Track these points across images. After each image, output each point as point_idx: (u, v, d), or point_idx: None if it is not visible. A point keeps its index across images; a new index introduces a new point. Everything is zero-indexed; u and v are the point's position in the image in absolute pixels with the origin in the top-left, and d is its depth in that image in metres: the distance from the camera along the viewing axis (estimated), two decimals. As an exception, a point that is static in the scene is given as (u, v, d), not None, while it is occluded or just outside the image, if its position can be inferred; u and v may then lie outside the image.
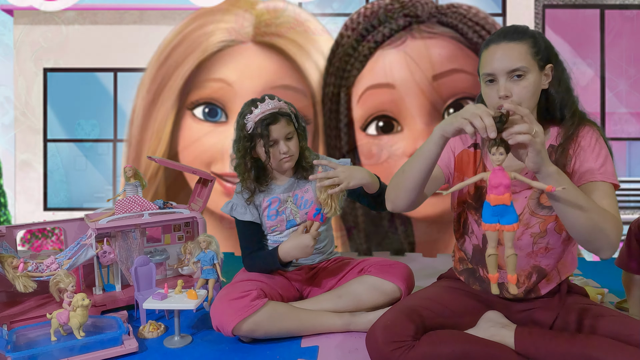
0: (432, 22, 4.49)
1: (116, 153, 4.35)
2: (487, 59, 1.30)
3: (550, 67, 1.31)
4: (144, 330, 1.58)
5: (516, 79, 1.26)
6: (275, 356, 1.44)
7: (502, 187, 1.06)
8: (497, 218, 1.08)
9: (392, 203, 1.37)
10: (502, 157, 1.08)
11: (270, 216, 1.69)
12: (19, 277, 1.59)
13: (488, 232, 1.08)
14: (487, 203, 1.08)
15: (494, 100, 1.27)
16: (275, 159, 1.63)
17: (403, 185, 1.31)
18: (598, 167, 1.28)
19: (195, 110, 4.51)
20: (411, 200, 1.33)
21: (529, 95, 1.26)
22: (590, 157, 1.29)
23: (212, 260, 1.65)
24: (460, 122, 1.12)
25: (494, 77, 1.28)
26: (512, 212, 1.07)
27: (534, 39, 1.29)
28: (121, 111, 4.43)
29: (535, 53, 1.28)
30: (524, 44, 1.27)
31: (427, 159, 1.24)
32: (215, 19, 4.58)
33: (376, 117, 4.51)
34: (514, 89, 1.25)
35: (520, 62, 1.25)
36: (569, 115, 1.34)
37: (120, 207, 1.82)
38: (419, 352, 1.23)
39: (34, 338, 1.48)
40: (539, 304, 1.39)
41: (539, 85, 1.29)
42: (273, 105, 1.62)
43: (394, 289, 1.58)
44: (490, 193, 1.08)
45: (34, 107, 3.82)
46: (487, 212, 1.08)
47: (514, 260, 1.08)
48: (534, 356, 1.26)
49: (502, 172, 1.07)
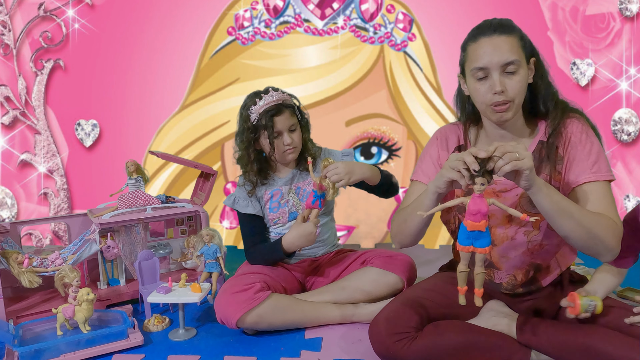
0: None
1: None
2: (477, 52, 1.25)
3: (534, 60, 1.29)
4: (149, 323, 1.59)
5: (509, 74, 1.23)
6: (279, 347, 1.45)
7: (480, 215, 1.12)
8: (471, 241, 1.14)
9: (400, 244, 1.40)
10: (483, 187, 1.12)
11: (272, 209, 1.70)
12: (24, 272, 1.60)
13: (462, 253, 1.15)
14: (464, 226, 1.14)
15: (487, 97, 1.25)
16: (279, 150, 1.64)
17: (407, 232, 1.35)
18: (590, 165, 1.26)
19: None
20: (416, 240, 1.37)
21: (522, 90, 1.25)
22: (581, 154, 1.27)
23: (215, 253, 1.66)
24: (449, 174, 1.15)
25: (486, 72, 1.24)
26: (486, 236, 1.14)
27: (519, 33, 1.27)
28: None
29: (523, 46, 1.26)
30: (512, 36, 1.25)
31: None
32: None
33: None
34: (508, 83, 1.23)
35: (513, 55, 1.22)
36: (552, 107, 1.32)
37: (123, 202, 1.83)
38: (422, 343, 1.24)
39: (40, 332, 1.49)
40: (541, 295, 1.40)
41: (527, 79, 1.27)
42: (277, 97, 1.62)
43: (397, 280, 1.59)
44: (467, 219, 1.13)
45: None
46: (462, 235, 1.15)
47: (482, 278, 1.15)
48: (535, 346, 1.27)
49: (481, 199, 1.12)
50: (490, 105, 1.25)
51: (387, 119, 2.71)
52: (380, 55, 2.69)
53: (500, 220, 1.34)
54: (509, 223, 1.34)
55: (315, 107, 2.68)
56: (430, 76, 2.69)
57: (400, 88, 2.69)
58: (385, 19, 2.66)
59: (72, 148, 2.75)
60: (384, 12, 2.66)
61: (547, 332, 1.26)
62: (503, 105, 1.24)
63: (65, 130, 2.75)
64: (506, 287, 1.40)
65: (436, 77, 2.69)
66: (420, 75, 2.68)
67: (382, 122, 2.72)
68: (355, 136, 2.72)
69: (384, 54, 2.69)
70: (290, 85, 2.68)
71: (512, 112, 1.25)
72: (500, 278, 1.39)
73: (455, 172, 1.14)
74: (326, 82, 2.71)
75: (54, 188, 2.75)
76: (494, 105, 1.24)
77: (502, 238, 1.35)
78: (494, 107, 1.25)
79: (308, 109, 1.74)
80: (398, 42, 2.67)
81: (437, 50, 2.67)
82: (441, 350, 1.24)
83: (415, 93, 2.70)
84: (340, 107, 2.71)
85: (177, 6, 2.72)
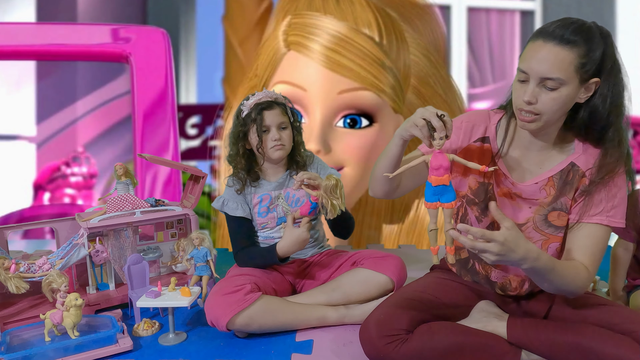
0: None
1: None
2: (528, 53, 1.20)
3: (596, 81, 1.20)
4: (139, 328, 1.58)
5: (547, 88, 1.18)
6: (270, 351, 1.44)
7: (442, 169, 1.19)
8: (437, 197, 1.21)
9: (372, 190, 1.44)
10: (442, 142, 1.20)
11: (260, 213, 1.69)
12: (11, 278, 1.58)
13: (430, 210, 1.22)
14: (429, 183, 1.21)
15: (519, 100, 1.23)
16: (266, 145, 1.63)
17: (375, 177, 1.38)
18: (609, 208, 1.25)
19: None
20: (385, 190, 1.40)
21: (555, 108, 1.20)
22: (607, 195, 1.25)
23: (206, 256, 1.65)
24: (411, 127, 1.22)
25: (526, 77, 1.20)
26: (451, 191, 1.21)
27: (588, 48, 1.16)
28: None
29: (582, 65, 1.16)
30: (573, 52, 1.15)
31: (389, 158, 1.32)
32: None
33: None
34: (542, 97, 1.19)
35: (558, 72, 1.15)
36: (612, 147, 1.25)
37: (112, 205, 1.82)
38: (413, 345, 1.24)
39: (28, 339, 1.47)
40: (532, 296, 1.40)
41: (573, 99, 1.21)
42: (269, 95, 1.65)
43: (387, 281, 1.58)
44: (431, 175, 1.21)
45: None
46: (428, 192, 1.22)
47: (452, 234, 1.19)
48: (526, 346, 1.27)
49: (442, 155, 1.20)
50: (519, 108, 1.24)
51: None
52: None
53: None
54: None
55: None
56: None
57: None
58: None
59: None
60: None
61: (538, 332, 1.27)
62: (529, 115, 1.22)
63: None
64: (500, 288, 1.40)
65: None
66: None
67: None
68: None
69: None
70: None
71: (536, 125, 1.23)
72: (496, 277, 1.39)
73: (415, 127, 1.20)
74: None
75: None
76: (521, 111, 1.23)
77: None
78: (520, 114, 1.24)
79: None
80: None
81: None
82: (432, 351, 1.24)
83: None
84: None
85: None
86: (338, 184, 1.49)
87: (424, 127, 1.20)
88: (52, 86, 5.29)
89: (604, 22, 3.01)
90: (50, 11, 5.20)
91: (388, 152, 1.31)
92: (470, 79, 5.75)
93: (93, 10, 5.35)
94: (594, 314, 1.27)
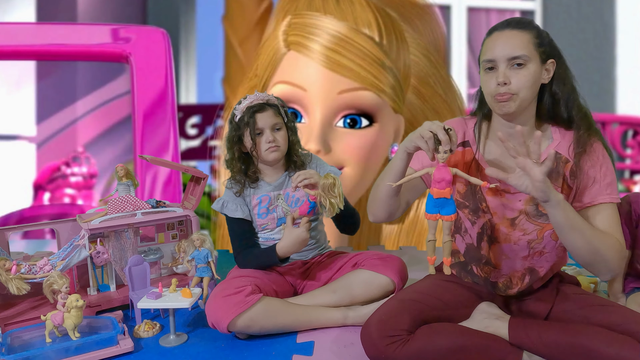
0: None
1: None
2: (488, 45, 1.30)
3: (552, 62, 1.31)
4: (139, 329, 1.58)
5: (516, 68, 1.25)
6: (270, 352, 1.44)
7: (444, 183, 1.20)
8: (437, 209, 1.22)
9: (373, 215, 1.44)
10: (446, 155, 1.21)
11: (260, 214, 1.69)
12: (12, 279, 1.58)
13: (429, 221, 1.24)
14: (431, 195, 1.22)
15: (492, 88, 1.28)
16: (260, 148, 1.63)
17: (378, 198, 1.38)
18: (606, 187, 1.30)
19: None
20: (388, 211, 1.40)
21: (528, 85, 1.26)
22: (599, 175, 1.30)
23: (207, 258, 1.65)
24: (417, 138, 1.23)
25: (493, 64, 1.27)
26: (451, 204, 1.22)
27: (538, 31, 1.29)
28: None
29: (538, 44, 1.27)
30: (527, 33, 1.27)
31: (394, 174, 1.32)
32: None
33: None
34: (513, 77, 1.25)
35: (522, 50, 1.25)
36: (579, 119, 1.32)
37: (113, 206, 1.82)
38: (414, 346, 1.24)
39: (29, 340, 1.47)
40: (532, 296, 1.40)
41: (539, 77, 1.29)
42: (260, 97, 1.64)
43: (388, 282, 1.58)
44: (433, 187, 1.22)
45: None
46: (429, 204, 1.23)
47: (449, 246, 1.24)
48: (527, 347, 1.27)
49: (445, 168, 1.21)
50: (494, 96, 1.27)
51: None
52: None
53: (502, 222, 1.35)
54: (511, 227, 1.35)
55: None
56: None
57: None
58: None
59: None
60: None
61: (539, 333, 1.27)
62: (505, 96, 1.26)
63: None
64: (500, 288, 1.40)
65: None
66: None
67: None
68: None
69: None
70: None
71: (514, 104, 1.27)
72: (496, 277, 1.40)
73: (422, 140, 1.21)
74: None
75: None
76: (497, 96, 1.26)
77: (504, 237, 1.35)
78: (496, 98, 1.27)
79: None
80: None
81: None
82: (433, 352, 1.24)
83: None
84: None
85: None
86: (336, 183, 1.49)
87: (430, 139, 1.22)
88: (52, 86, 5.30)
89: (604, 22, 2.94)
90: (50, 11, 5.20)
91: (393, 168, 1.32)
92: (470, 79, 5.76)
93: (93, 10, 5.36)
94: (595, 315, 1.27)
